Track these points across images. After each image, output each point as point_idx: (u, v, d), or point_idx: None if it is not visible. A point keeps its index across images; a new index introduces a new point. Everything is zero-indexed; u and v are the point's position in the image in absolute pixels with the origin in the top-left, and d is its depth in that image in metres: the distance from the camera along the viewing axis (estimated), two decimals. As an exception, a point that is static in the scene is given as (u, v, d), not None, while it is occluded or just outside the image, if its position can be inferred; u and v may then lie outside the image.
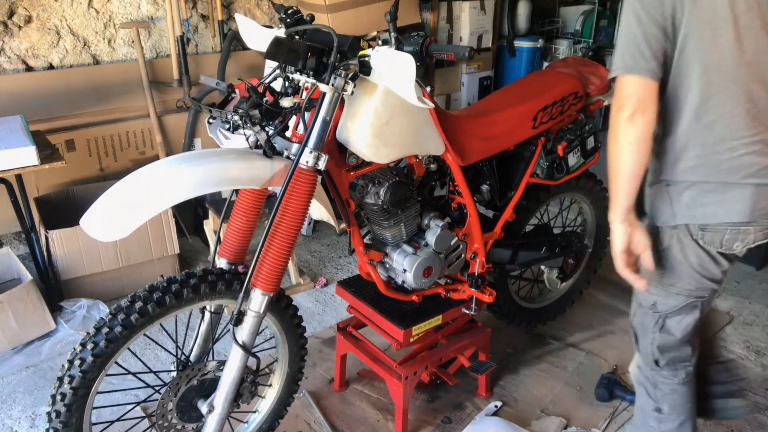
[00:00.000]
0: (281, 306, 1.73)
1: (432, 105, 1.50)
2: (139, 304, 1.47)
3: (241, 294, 1.55)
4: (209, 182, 1.41)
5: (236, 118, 1.49)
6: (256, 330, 1.60)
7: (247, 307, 1.57)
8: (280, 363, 1.86)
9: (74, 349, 1.47)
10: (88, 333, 1.47)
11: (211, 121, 1.61)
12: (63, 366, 1.46)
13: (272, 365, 1.88)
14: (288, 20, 1.67)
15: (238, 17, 1.84)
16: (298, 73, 1.53)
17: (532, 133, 2.10)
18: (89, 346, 1.44)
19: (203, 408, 1.63)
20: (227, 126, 1.56)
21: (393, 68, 1.43)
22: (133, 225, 1.35)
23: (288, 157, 1.55)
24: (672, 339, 1.57)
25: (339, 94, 1.50)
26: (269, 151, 1.49)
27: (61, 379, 1.46)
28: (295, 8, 1.69)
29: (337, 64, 1.48)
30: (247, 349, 1.59)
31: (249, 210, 1.69)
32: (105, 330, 1.45)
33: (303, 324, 1.84)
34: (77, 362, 1.43)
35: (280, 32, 1.70)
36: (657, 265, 1.50)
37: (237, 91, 1.61)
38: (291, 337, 1.81)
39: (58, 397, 1.45)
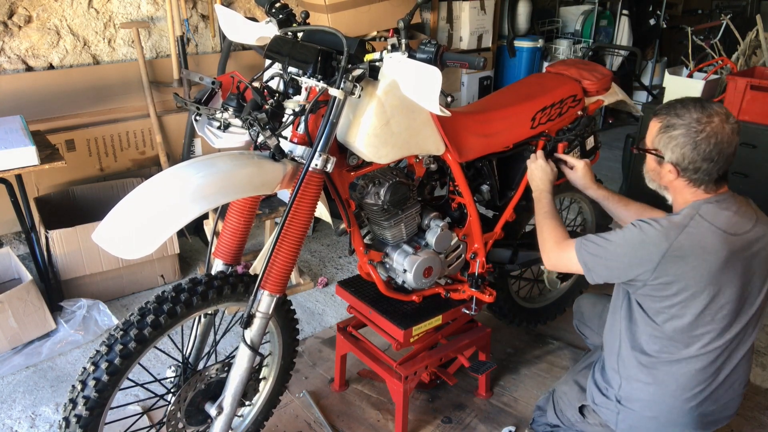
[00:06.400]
0: (279, 302, 1.72)
1: (449, 113, 1.50)
2: (150, 317, 1.44)
3: (252, 297, 1.54)
4: (226, 192, 1.39)
5: (236, 120, 1.48)
6: (264, 330, 1.59)
7: (255, 309, 1.56)
8: (274, 356, 1.87)
9: (85, 368, 1.43)
10: (98, 351, 1.43)
11: (197, 118, 1.59)
12: (74, 387, 1.43)
13: (266, 359, 1.87)
14: (280, 16, 1.66)
15: (219, 9, 1.78)
16: (306, 75, 1.51)
17: (530, 133, 2.10)
18: (103, 365, 1.40)
19: (212, 411, 1.62)
20: (217, 125, 1.55)
21: (417, 79, 1.42)
22: (158, 241, 1.31)
23: (293, 159, 1.54)
24: None
25: (347, 97, 1.50)
26: (279, 155, 1.48)
27: (74, 401, 1.41)
28: (282, 2, 1.67)
29: (349, 67, 1.47)
30: (256, 350, 1.58)
31: (246, 211, 1.67)
32: (119, 347, 1.41)
33: (296, 317, 1.84)
34: (92, 382, 1.40)
35: (270, 27, 1.68)
36: None
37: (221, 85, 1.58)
38: (286, 331, 1.82)
39: (73, 419, 1.41)
